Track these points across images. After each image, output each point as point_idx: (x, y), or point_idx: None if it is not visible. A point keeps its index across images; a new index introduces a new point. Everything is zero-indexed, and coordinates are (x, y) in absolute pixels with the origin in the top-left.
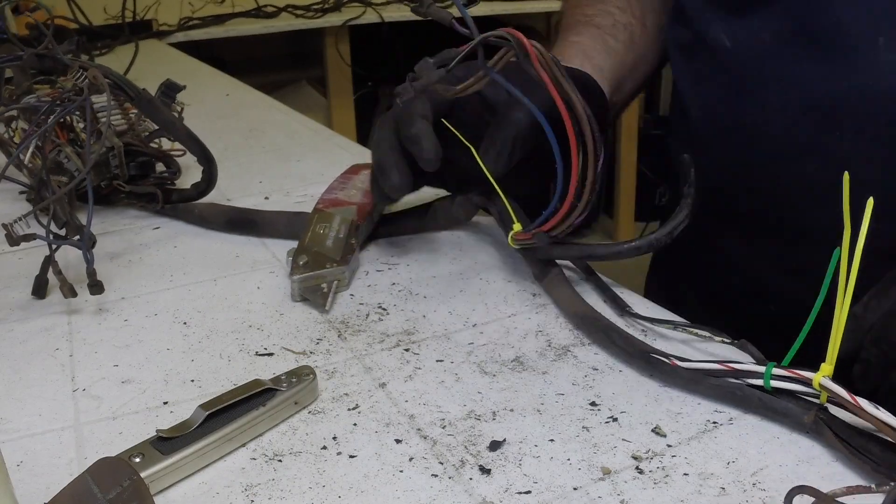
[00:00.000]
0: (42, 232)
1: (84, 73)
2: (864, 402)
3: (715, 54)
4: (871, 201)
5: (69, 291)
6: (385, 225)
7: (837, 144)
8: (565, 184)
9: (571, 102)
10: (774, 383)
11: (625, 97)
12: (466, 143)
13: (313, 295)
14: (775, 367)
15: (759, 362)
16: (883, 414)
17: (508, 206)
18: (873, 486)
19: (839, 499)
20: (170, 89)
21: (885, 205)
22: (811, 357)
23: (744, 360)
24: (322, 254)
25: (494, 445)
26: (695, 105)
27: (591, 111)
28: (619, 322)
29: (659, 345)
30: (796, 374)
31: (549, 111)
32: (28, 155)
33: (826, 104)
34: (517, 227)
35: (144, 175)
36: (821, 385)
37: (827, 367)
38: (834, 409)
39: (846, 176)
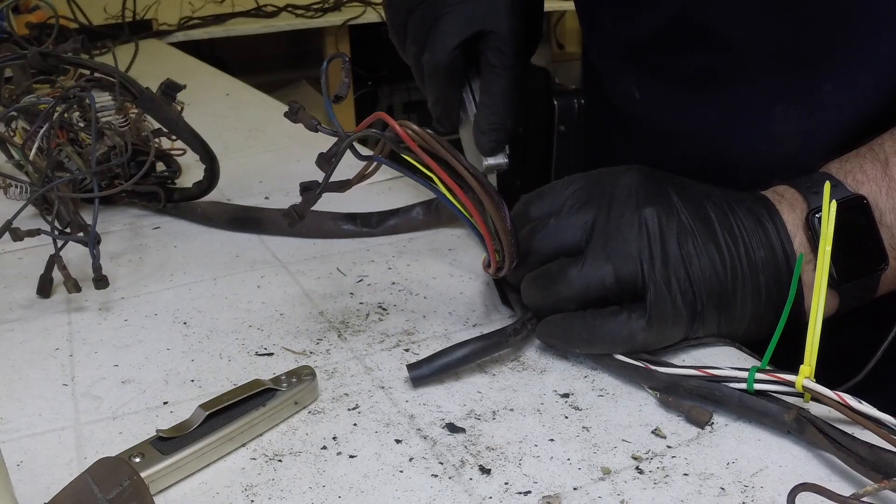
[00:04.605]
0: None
1: (89, 72)
2: (849, 399)
3: (623, 109)
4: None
5: (73, 287)
6: (392, 218)
7: None
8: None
9: (460, 172)
10: (757, 386)
11: None
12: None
13: None
14: (758, 370)
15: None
16: (867, 408)
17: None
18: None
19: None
20: (170, 88)
21: None
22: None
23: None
24: None
25: (494, 445)
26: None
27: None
28: None
29: None
30: (778, 377)
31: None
32: (32, 153)
33: (726, 161)
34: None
35: (145, 174)
36: (804, 387)
37: (806, 369)
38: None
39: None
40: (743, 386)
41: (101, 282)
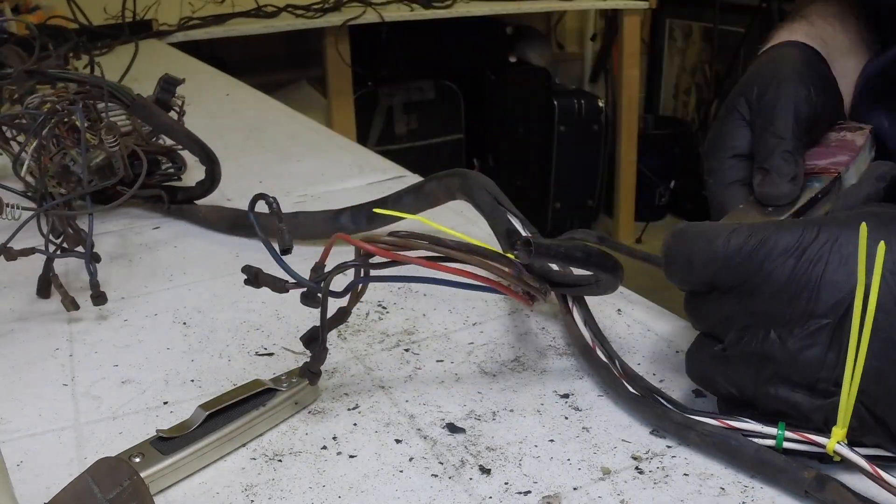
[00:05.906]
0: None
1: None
2: (884, 474)
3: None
4: (881, 247)
5: (71, 304)
6: (386, 205)
7: None
8: None
9: (455, 257)
10: (787, 445)
11: None
12: None
13: None
14: (786, 429)
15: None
16: None
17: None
18: None
19: None
20: (168, 83)
21: None
22: None
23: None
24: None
25: (494, 446)
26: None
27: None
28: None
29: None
30: (808, 438)
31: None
32: (25, 167)
33: None
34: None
35: (149, 173)
36: (835, 451)
37: (839, 432)
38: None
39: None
40: (770, 442)
41: (99, 298)
